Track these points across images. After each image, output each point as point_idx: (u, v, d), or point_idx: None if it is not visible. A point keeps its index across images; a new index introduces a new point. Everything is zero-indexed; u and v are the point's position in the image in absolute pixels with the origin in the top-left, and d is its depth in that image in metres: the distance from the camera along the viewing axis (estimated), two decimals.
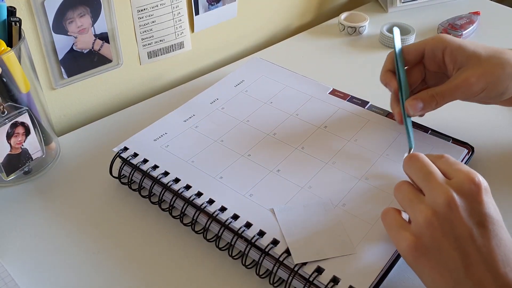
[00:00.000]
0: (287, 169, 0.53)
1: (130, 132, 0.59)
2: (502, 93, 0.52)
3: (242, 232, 0.46)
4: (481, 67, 0.51)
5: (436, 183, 0.40)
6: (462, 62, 0.52)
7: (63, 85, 0.63)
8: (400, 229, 0.41)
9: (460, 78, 0.52)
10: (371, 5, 0.92)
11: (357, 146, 0.55)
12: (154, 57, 0.71)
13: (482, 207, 0.39)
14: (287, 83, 0.66)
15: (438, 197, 0.39)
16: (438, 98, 0.52)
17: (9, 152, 0.52)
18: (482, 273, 0.37)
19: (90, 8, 0.60)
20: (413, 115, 0.53)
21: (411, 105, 0.53)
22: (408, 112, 0.53)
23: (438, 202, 0.39)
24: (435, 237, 0.38)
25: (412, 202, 0.41)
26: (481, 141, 0.59)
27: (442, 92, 0.52)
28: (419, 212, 0.40)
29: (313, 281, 0.42)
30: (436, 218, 0.38)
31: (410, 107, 0.53)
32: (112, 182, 0.56)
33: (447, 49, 0.53)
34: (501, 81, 0.51)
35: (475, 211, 0.38)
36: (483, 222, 0.38)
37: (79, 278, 0.47)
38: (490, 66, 0.51)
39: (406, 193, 0.42)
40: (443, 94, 0.52)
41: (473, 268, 0.37)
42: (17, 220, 0.52)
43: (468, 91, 0.51)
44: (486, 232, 0.38)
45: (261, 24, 0.83)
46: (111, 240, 0.50)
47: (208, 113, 0.61)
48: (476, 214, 0.38)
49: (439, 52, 0.54)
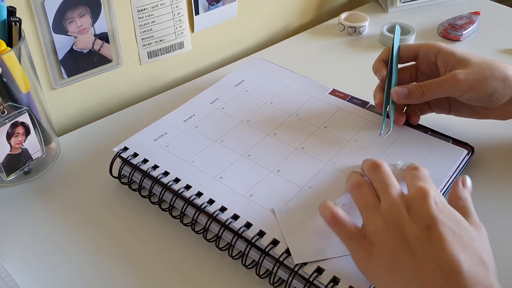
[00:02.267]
0: (287, 169, 0.53)
1: (130, 132, 0.59)
2: (490, 95, 0.53)
3: (242, 232, 0.46)
4: (470, 67, 0.53)
5: (390, 195, 0.42)
6: (453, 65, 0.54)
7: (63, 85, 0.63)
8: (356, 238, 0.42)
9: (449, 74, 0.53)
10: (371, 5, 0.92)
11: (357, 146, 0.55)
12: (154, 57, 0.71)
13: (428, 210, 0.39)
14: (287, 83, 0.66)
15: (388, 207, 0.41)
16: (424, 89, 0.54)
17: (9, 152, 0.52)
18: (433, 273, 0.37)
19: (90, 8, 0.60)
20: (397, 101, 0.55)
21: (396, 90, 0.55)
22: (393, 97, 0.56)
23: (388, 211, 0.41)
24: (386, 242, 0.40)
25: (368, 206, 0.43)
26: (481, 141, 0.59)
27: (430, 83, 0.54)
28: (373, 219, 0.41)
29: (313, 281, 0.42)
30: (386, 224, 0.40)
31: (395, 92, 0.55)
32: (112, 182, 0.56)
33: (440, 53, 0.55)
34: (489, 82, 0.52)
35: (422, 215, 0.39)
36: (431, 224, 0.39)
37: (79, 277, 0.47)
38: (479, 67, 0.53)
39: (365, 195, 0.44)
40: (430, 85, 0.54)
41: (423, 268, 0.37)
42: (17, 220, 0.52)
43: (456, 87, 0.53)
44: (434, 234, 0.38)
45: (261, 24, 0.83)
46: (111, 240, 0.50)
47: (208, 113, 0.61)
48: (424, 218, 0.39)
49: (432, 55, 0.56)
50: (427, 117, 0.59)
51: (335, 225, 0.43)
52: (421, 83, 0.54)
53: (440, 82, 0.53)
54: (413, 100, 0.55)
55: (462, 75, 0.52)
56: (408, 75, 0.58)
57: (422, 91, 0.54)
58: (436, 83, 0.54)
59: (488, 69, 0.52)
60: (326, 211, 0.44)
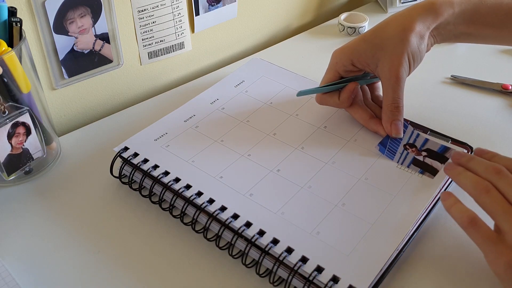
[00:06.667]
0: (287, 169, 0.53)
1: (130, 132, 0.59)
2: (419, 47, 0.53)
3: (242, 232, 0.46)
4: (387, 56, 0.53)
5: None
6: (374, 62, 0.54)
7: (63, 85, 0.64)
8: (495, 243, 0.41)
9: (389, 78, 0.53)
10: (371, 5, 0.92)
11: (357, 146, 0.56)
12: (154, 58, 0.71)
13: None
14: (287, 83, 0.66)
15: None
16: (395, 107, 0.54)
17: (10, 152, 0.52)
18: None
19: (91, 9, 0.60)
20: (396, 136, 0.55)
21: (393, 128, 0.55)
22: (391, 134, 0.55)
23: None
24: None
25: (506, 212, 0.41)
26: (480, 141, 0.60)
27: (389, 99, 0.54)
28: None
29: (313, 280, 0.42)
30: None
31: (394, 132, 0.55)
32: (112, 182, 0.56)
33: (353, 61, 0.55)
34: (414, 47, 0.53)
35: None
36: None
37: (80, 277, 0.47)
38: (391, 48, 0.53)
39: (499, 201, 0.42)
40: (394, 100, 0.54)
41: None
42: (17, 220, 0.52)
43: (403, 80, 0.53)
44: None
45: (261, 24, 0.83)
46: (111, 240, 0.50)
47: (208, 113, 0.61)
48: None
49: (350, 66, 0.56)
50: (427, 117, 0.59)
51: (473, 229, 0.42)
52: (388, 107, 0.54)
53: (390, 86, 0.54)
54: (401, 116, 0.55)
55: (401, 70, 0.53)
56: None
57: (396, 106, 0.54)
58: (389, 90, 0.54)
59: (400, 40, 0.52)
60: (463, 215, 0.43)
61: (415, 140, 0.55)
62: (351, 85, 0.56)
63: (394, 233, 0.46)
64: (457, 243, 0.47)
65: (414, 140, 0.55)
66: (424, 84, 0.70)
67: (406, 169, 0.53)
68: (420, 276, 0.46)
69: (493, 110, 0.65)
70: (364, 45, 0.55)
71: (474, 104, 0.67)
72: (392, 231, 0.46)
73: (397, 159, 0.54)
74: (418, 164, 0.53)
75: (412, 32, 0.52)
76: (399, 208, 0.48)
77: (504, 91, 0.67)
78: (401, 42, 0.52)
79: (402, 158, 0.54)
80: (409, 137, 0.55)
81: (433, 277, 0.46)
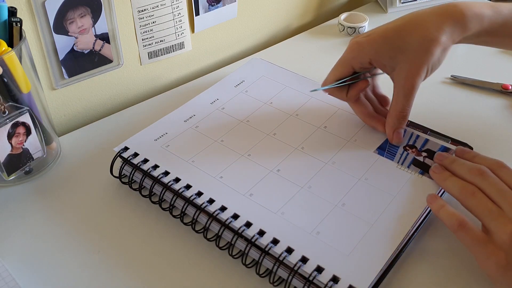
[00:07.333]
0: (287, 169, 0.53)
1: (130, 132, 0.59)
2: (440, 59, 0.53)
3: (242, 232, 0.46)
4: (407, 63, 0.52)
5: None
6: (391, 65, 0.53)
7: (63, 85, 0.64)
8: (485, 244, 0.41)
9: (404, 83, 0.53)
10: (371, 5, 0.92)
11: (357, 146, 0.56)
12: (154, 58, 0.71)
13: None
14: (287, 83, 0.66)
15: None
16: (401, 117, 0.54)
17: (10, 152, 0.52)
18: None
19: (91, 9, 0.60)
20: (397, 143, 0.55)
21: (395, 137, 0.55)
22: (392, 142, 0.56)
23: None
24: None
25: (492, 213, 0.42)
26: (480, 141, 0.60)
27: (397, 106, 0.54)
28: (504, 225, 0.40)
29: (313, 280, 0.42)
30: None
31: (396, 141, 0.55)
32: (112, 182, 0.56)
33: (371, 60, 0.54)
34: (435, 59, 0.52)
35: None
36: None
37: (80, 277, 0.47)
38: (413, 56, 0.51)
39: (484, 202, 0.43)
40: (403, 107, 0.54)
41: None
42: (17, 220, 0.52)
43: (417, 89, 0.53)
44: None
45: (261, 24, 0.83)
46: (111, 240, 0.50)
47: (208, 113, 0.61)
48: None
49: (367, 64, 0.54)
50: (427, 117, 0.59)
51: (463, 231, 0.43)
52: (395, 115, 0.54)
53: (403, 94, 0.53)
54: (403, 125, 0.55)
55: (418, 81, 0.52)
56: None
57: (404, 116, 0.54)
58: (401, 98, 0.53)
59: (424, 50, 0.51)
60: (452, 218, 0.43)
61: (415, 141, 0.55)
62: (361, 84, 0.56)
63: (394, 233, 0.46)
64: (457, 243, 0.47)
65: (414, 141, 0.55)
66: (424, 84, 0.70)
67: (406, 169, 0.53)
68: (420, 276, 0.46)
69: (493, 110, 0.65)
70: (385, 45, 0.52)
71: (474, 104, 0.67)
72: (392, 231, 0.46)
73: (397, 160, 0.54)
74: (418, 164, 0.53)
75: (438, 44, 0.51)
76: (399, 208, 0.48)
77: (504, 91, 0.67)
78: (424, 52, 0.51)
79: (402, 159, 0.54)
80: (408, 138, 0.55)
81: (433, 277, 0.46)
